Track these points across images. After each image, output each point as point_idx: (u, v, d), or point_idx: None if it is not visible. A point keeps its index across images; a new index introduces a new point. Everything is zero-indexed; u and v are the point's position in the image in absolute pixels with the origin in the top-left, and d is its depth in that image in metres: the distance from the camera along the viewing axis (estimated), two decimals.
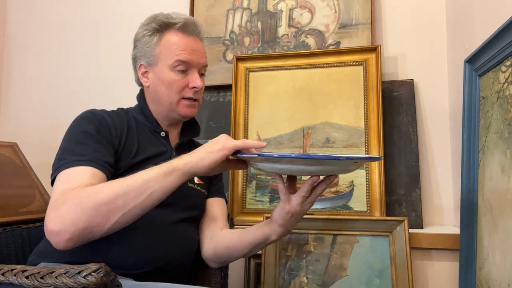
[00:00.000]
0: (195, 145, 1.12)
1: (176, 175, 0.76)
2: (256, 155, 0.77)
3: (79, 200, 0.71)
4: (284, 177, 0.91)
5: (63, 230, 0.69)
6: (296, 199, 0.84)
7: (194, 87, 0.96)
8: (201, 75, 1.00)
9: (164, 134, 1.00)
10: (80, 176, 0.78)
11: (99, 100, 1.65)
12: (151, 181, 0.74)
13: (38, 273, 0.58)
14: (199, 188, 1.04)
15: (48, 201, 1.23)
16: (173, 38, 0.96)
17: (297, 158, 0.74)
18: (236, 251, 0.96)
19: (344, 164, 0.77)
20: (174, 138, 1.04)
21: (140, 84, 1.02)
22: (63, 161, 0.83)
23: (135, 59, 1.01)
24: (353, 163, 0.77)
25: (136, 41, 1.01)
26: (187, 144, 1.06)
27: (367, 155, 1.28)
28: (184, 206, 0.97)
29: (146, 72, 0.99)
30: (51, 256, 0.86)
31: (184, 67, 0.95)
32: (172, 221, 0.93)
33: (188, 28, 0.97)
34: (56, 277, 0.56)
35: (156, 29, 0.97)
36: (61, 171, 0.82)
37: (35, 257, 0.91)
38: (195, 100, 0.99)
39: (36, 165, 1.33)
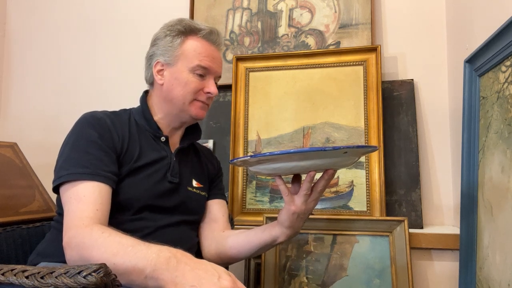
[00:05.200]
0: (196, 148, 1.12)
1: (155, 283, 0.65)
2: (248, 157, 0.78)
3: (84, 249, 0.74)
4: (289, 178, 0.91)
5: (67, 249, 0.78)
6: (299, 198, 0.86)
7: (208, 93, 0.98)
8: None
9: (164, 139, 1.00)
10: (89, 195, 0.81)
11: (99, 100, 1.66)
12: (134, 274, 0.67)
13: (38, 273, 0.58)
14: (198, 191, 1.04)
15: (48, 201, 1.24)
16: (196, 43, 0.98)
17: (284, 154, 0.74)
18: (243, 252, 0.97)
19: (334, 155, 0.77)
20: (174, 142, 1.04)
21: (151, 82, 1.02)
22: (66, 170, 0.83)
23: (151, 57, 1.01)
24: (342, 153, 0.76)
25: (156, 39, 1.01)
26: (187, 148, 1.07)
27: (356, 145, 1.27)
28: (183, 209, 0.98)
29: (162, 70, 0.99)
30: (51, 256, 0.87)
31: (203, 72, 0.97)
32: (170, 224, 0.94)
33: (212, 37, 0.99)
34: (56, 277, 0.56)
35: (181, 31, 0.98)
36: (65, 180, 0.83)
37: (35, 257, 0.91)
38: (207, 104, 1.00)
39: (36, 165, 1.33)
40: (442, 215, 1.32)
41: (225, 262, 1.01)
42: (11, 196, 1.16)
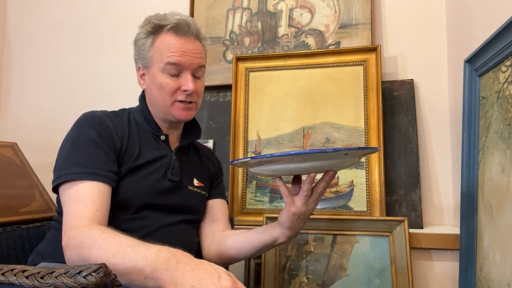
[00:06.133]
0: (196, 147, 1.12)
1: (155, 283, 0.65)
2: (248, 159, 0.78)
3: (83, 249, 0.73)
4: (290, 179, 0.91)
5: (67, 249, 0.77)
6: (299, 200, 0.85)
7: (185, 90, 0.93)
8: (197, 77, 0.97)
9: (164, 138, 0.99)
10: (89, 195, 0.81)
11: (99, 100, 1.66)
12: (133, 274, 0.66)
13: (38, 273, 0.58)
14: (199, 190, 1.04)
15: (48, 201, 1.24)
16: (164, 40, 0.94)
17: (284, 155, 0.74)
18: (243, 252, 0.97)
19: (334, 157, 0.76)
20: (174, 141, 1.03)
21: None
22: (66, 170, 0.83)
23: (135, 61, 1.01)
24: (342, 155, 0.76)
25: (134, 43, 1.00)
26: (187, 147, 1.06)
27: (356, 146, 1.27)
28: (184, 208, 0.98)
29: (143, 74, 0.98)
30: (51, 256, 0.87)
31: (175, 69, 0.93)
32: (170, 223, 0.94)
33: (180, 29, 0.94)
34: (56, 277, 0.56)
35: (149, 32, 0.95)
36: (64, 180, 0.83)
37: (35, 257, 0.91)
38: (190, 102, 0.96)
39: (36, 165, 1.33)
40: (442, 215, 1.32)
41: (225, 262, 1.01)
42: (11, 196, 1.16)
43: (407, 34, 1.41)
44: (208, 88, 1.46)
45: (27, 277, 0.58)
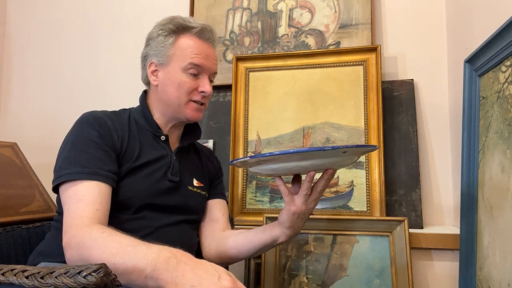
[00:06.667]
0: (196, 148, 1.12)
1: (155, 283, 0.65)
2: (247, 158, 0.78)
3: (83, 249, 0.73)
4: (290, 179, 0.91)
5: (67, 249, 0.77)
6: (299, 199, 0.86)
7: (203, 92, 0.96)
8: (211, 81, 1.00)
9: (164, 138, 0.99)
10: (89, 195, 0.81)
11: (98, 101, 1.66)
12: (134, 274, 0.66)
13: (38, 273, 0.58)
14: (199, 190, 1.04)
15: (48, 201, 1.24)
16: (188, 42, 0.96)
17: (283, 154, 0.74)
18: (243, 252, 0.97)
19: (333, 155, 0.76)
20: (174, 141, 1.04)
21: (147, 83, 1.02)
22: (66, 170, 0.83)
23: (145, 57, 1.01)
24: (341, 153, 0.76)
25: (149, 39, 1.00)
26: (187, 148, 1.07)
27: (355, 144, 1.27)
28: (183, 208, 0.98)
29: (156, 70, 0.98)
30: (51, 256, 0.87)
31: (196, 70, 0.96)
32: (170, 223, 0.94)
33: (204, 34, 0.98)
34: (56, 277, 0.56)
35: (172, 30, 0.97)
36: (64, 180, 0.83)
37: (35, 257, 0.91)
38: (202, 104, 0.99)
39: (36, 165, 1.33)
40: (442, 215, 1.32)
41: (225, 262, 1.01)
42: (11, 196, 1.16)
43: (407, 34, 1.41)
44: None
45: (27, 277, 0.58)
